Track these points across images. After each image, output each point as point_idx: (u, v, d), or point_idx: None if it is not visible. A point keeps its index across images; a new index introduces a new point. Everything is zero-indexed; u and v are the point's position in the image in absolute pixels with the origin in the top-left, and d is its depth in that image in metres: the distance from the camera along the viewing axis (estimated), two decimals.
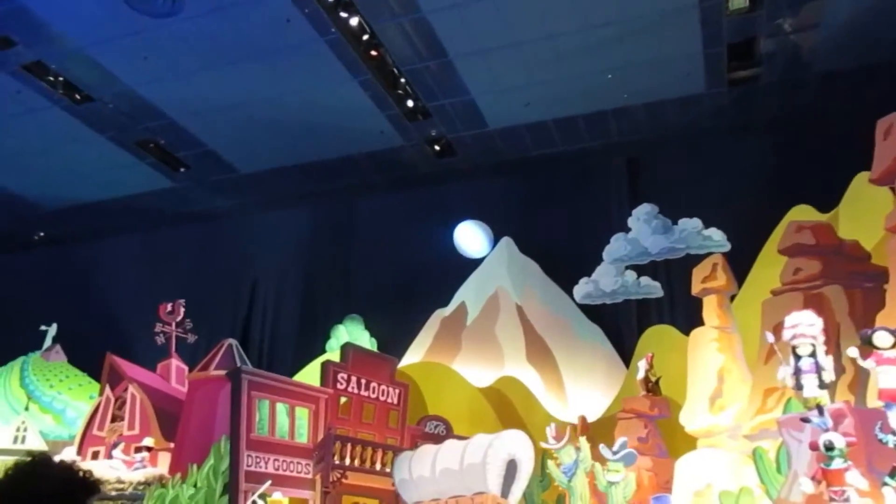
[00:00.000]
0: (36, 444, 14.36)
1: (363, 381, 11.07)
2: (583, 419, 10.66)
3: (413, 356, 13.37)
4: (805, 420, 5.93)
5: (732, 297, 9.99)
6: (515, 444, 9.07)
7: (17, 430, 14.36)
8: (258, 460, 10.30)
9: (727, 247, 11.30)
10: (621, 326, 12.92)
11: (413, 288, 14.53)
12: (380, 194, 15.76)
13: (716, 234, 11.45)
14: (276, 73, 12.44)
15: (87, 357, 15.28)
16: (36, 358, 16.00)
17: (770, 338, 6.93)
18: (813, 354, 6.45)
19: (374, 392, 11.09)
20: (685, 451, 9.50)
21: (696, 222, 11.65)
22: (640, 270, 12.33)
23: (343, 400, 11.24)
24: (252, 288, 16.76)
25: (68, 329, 16.55)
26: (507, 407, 12.04)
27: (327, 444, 10.13)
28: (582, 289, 12.45)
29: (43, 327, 16.40)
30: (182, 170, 15.52)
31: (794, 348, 6.61)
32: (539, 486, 10.88)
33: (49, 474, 2.30)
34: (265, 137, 14.35)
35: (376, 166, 15.18)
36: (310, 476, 10.40)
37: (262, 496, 10.02)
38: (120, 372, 13.85)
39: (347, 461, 10.00)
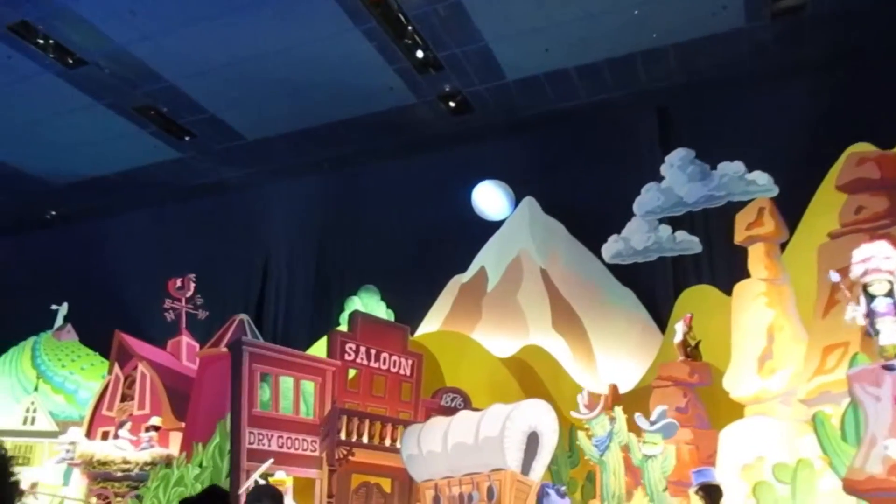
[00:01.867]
0: (45, 424, 13.94)
1: (373, 352, 10.23)
2: (613, 388, 9.67)
3: (430, 325, 12.46)
4: (888, 368, 4.80)
5: (783, 246, 8.83)
6: (537, 414, 8.13)
7: (27, 410, 13.94)
8: (261, 437, 9.53)
9: (774, 191, 9.98)
10: (656, 287, 11.76)
11: (430, 255, 13.61)
12: (392, 157, 14.82)
13: (761, 178, 10.11)
14: (273, 24, 11.51)
15: (98, 336, 14.80)
16: (47, 337, 15.59)
17: (834, 276, 5.76)
18: (890, 293, 5.28)
19: (384, 363, 10.25)
20: (730, 420, 8.44)
21: (737, 166, 10.32)
22: (676, 224, 11.13)
23: (353, 373, 10.43)
24: (265, 261, 16.05)
25: (79, 308, 16.12)
26: (531, 378, 11.09)
27: (333, 418, 9.33)
28: (611, 247, 11.30)
29: (54, 306, 15.99)
30: (187, 138, 14.78)
31: (865, 287, 5.46)
32: (567, 462, 9.94)
33: None
34: (268, 99, 13.49)
35: (387, 127, 14.21)
36: (316, 454, 9.60)
37: (264, 476, 9.27)
38: (129, 350, 13.32)
39: (355, 437, 9.19)
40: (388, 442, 9.30)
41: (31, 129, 14.33)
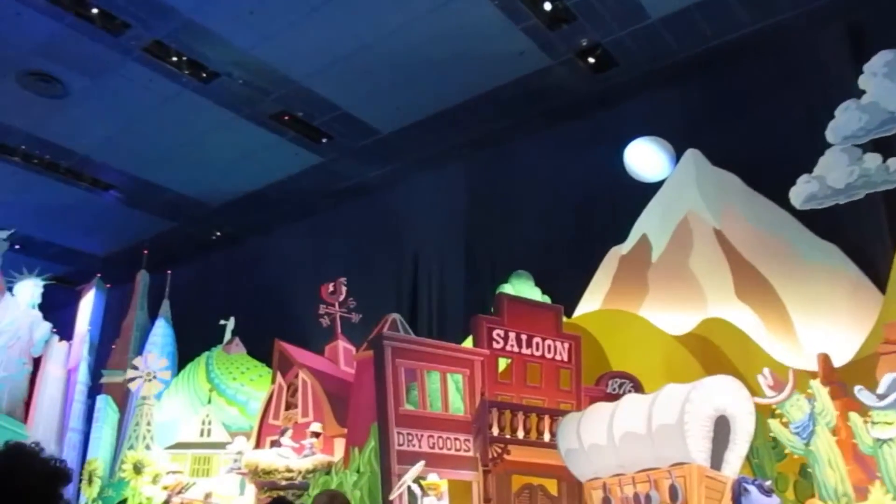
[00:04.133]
0: (220, 436, 14.27)
1: (524, 337, 9.12)
2: (824, 359, 7.76)
3: (588, 304, 11.05)
4: None
5: None
6: (724, 393, 6.60)
7: (203, 423, 14.34)
8: (410, 438, 8.78)
9: None
10: (865, 233, 9.46)
11: (583, 228, 12.22)
12: (534, 129, 13.61)
13: None
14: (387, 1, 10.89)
15: (265, 347, 15.05)
16: (218, 352, 16.11)
17: None
18: None
19: (537, 349, 9.09)
20: None
21: None
22: (887, 148, 8.83)
23: (505, 363, 9.38)
24: (414, 257, 15.49)
25: (246, 321, 16.54)
26: (715, 356, 9.37)
27: (482, 413, 8.31)
28: (802, 190, 9.21)
29: (222, 322, 16.52)
30: (324, 140, 14.60)
31: None
32: (772, 455, 8.16)
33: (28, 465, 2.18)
34: (395, 87, 12.86)
35: (524, 97, 13.04)
36: (470, 454, 8.64)
37: (417, 480, 8.45)
38: (289, 358, 13.29)
39: (508, 433, 8.11)
40: (547, 437, 8.12)
41: (182, 150, 14.85)
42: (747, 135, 10.88)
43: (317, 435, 11.98)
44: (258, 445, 12.80)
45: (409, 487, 8.41)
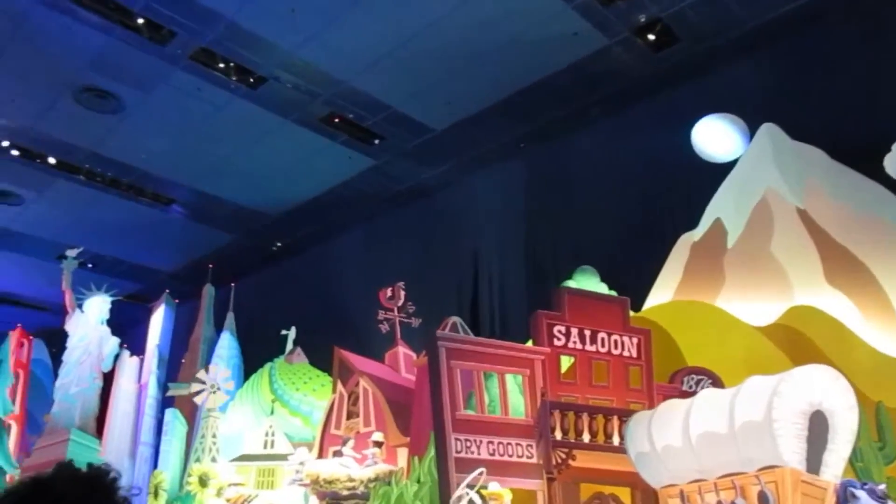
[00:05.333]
0: (284, 447, 14.05)
1: (587, 333, 8.40)
2: None
3: (658, 296, 10.20)
4: None
5: None
6: (819, 385, 5.76)
7: (266, 434, 14.15)
8: (468, 444, 8.17)
9: None
10: None
11: (650, 216, 11.40)
12: (595, 116, 12.89)
13: None
14: None
15: (327, 356, 14.82)
16: (281, 363, 15.95)
17: None
18: None
19: (603, 345, 8.35)
20: None
21: None
22: None
23: (568, 361, 8.68)
24: (474, 258, 14.95)
25: (307, 330, 16.36)
26: (805, 348, 8.40)
27: (543, 415, 7.65)
28: None
29: (283, 332, 16.38)
30: (376, 142, 14.27)
31: None
32: (879, 457, 7.22)
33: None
34: (443, 80, 12.40)
35: (581, 82, 12.34)
36: (534, 461, 7.98)
37: (478, 489, 7.85)
38: (349, 366, 12.95)
39: (573, 436, 7.41)
40: (616, 440, 7.37)
41: (237, 160, 14.82)
42: (829, 103, 9.87)
43: (378, 444, 11.59)
44: (321, 456, 12.51)
45: (469, 498, 7.81)
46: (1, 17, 10.89)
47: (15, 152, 14.56)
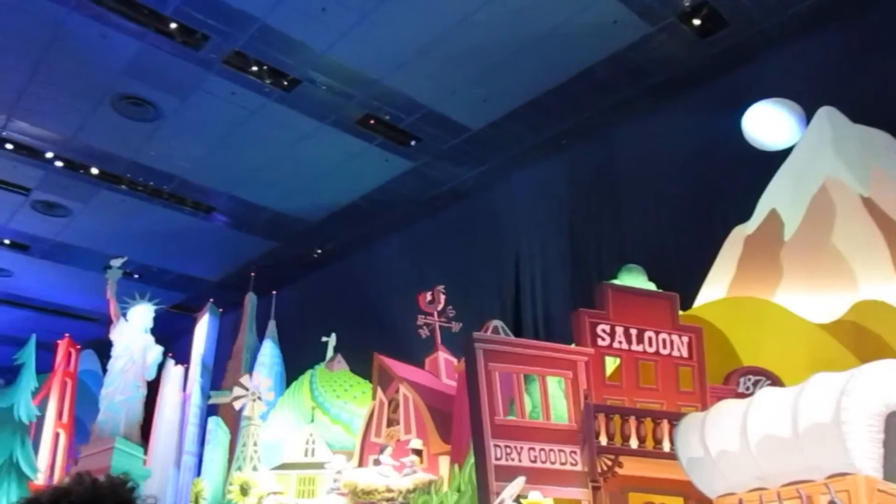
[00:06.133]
0: (324, 455, 13.82)
1: (633, 332, 7.90)
2: None
3: (710, 293, 9.58)
4: None
5: None
6: (894, 382, 5.17)
7: (307, 442, 13.94)
8: (508, 451, 7.76)
9: None
10: None
11: (699, 209, 10.80)
12: (640, 108, 12.34)
13: None
14: None
15: (368, 362, 14.58)
16: (321, 370, 15.76)
17: None
18: None
19: (650, 344, 7.85)
20: None
21: None
22: None
23: (613, 363, 8.18)
24: (515, 260, 14.52)
25: (348, 337, 16.14)
26: (874, 345, 7.73)
27: (587, 419, 7.17)
28: None
29: (324, 339, 16.20)
30: (413, 143, 13.98)
31: None
32: None
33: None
34: (478, 77, 12.03)
35: (624, 73, 11.84)
36: (578, 468, 7.50)
37: (518, 498, 7.42)
38: (389, 372, 12.68)
39: (619, 442, 6.91)
40: (666, 445, 6.84)
41: (273, 165, 14.71)
42: (893, 82, 9.16)
43: (418, 452, 11.23)
44: (361, 464, 12.24)
45: None
46: (37, 27, 10.98)
47: (59, 164, 14.74)
